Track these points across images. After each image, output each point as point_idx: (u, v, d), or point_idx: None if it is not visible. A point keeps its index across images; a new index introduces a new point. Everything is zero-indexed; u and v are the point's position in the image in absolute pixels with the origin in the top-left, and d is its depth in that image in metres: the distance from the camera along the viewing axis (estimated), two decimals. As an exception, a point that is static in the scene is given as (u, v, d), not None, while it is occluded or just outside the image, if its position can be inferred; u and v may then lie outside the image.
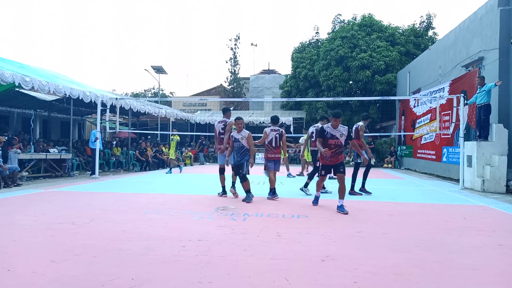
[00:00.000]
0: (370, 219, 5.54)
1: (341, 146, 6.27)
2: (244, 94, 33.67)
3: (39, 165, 11.55)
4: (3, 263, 3.31)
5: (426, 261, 3.54)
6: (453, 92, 12.36)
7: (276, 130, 7.78)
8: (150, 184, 10.28)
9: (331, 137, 6.23)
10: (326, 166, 6.41)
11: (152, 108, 17.53)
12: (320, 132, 6.36)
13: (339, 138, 6.25)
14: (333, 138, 6.23)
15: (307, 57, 24.79)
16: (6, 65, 10.54)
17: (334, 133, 6.24)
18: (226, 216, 5.61)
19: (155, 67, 28.28)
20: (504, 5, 10.63)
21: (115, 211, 5.94)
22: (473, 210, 6.57)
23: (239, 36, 36.21)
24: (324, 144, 6.24)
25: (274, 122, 7.97)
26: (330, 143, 6.22)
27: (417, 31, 23.64)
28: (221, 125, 7.94)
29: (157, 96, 35.02)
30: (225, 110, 8.18)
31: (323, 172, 6.48)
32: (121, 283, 2.86)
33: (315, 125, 9.16)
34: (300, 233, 4.55)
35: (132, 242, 4.04)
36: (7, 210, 5.93)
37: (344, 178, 6.22)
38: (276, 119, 8.07)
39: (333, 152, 6.21)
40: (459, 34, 13.30)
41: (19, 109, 17.66)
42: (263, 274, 3.12)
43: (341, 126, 6.32)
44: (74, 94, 11.71)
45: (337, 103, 22.50)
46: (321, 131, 6.34)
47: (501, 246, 4.14)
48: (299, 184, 9.05)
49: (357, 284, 2.92)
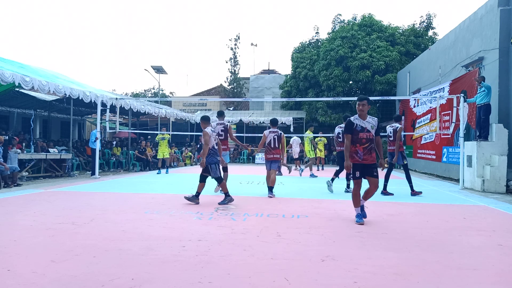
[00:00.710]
0: (370, 219, 5.53)
1: (373, 141, 5.27)
2: (244, 94, 33.66)
3: (39, 165, 11.55)
4: (3, 263, 3.31)
5: (426, 261, 3.54)
6: (453, 92, 12.36)
7: (274, 132, 8.10)
8: (150, 184, 10.27)
9: (361, 130, 5.23)
10: (358, 165, 5.26)
11: (152, 108, 17.53)
12: (347, 125, 5.34)
13: (370, 131, 5.25)
14: (364, 131, 5.22)
15: (307, 57, 24.78)
16: (6, 65, 10.54)
17: (364, 125, 5.25)
18: (226, 216, 5.61)
19: (155, 67, 28.28)
20: (504, 5, 10.63)
21: (115, 211, 5.94)
22: (473, 210, 6.57)
23: (239, 36, 36.26)
24: (354, 140, 5.25)
25: (273, 124, 8.29)
26: (361, 137, 5.21)
27: (417, 31, 23.63)
28: (221, 127, 8.26)
29: (157, 96, 35.02)
30: (221, 113, 8.65)
31: (357, 173, 5.25)
32: (121, 283, 2.86)
33: (341, 126, 9.17)
34: (300, 233, 4.55)
35: (132, 242, 4.04)
36: (7, 210, 5.93)
37: (377, 185, 5.30)
38: (275, 122, 8.36)
39: (365, 148, 5.21)
40: (459, 34, 13.30)
41: (19, 109, 17.65)
42: (263, 274, 3.12)
43: (370, 117, 5.36)
44: (74, 94, 11.71)
45: (337, 103, 22.50)
46: (349, 124, 5.32)
47: (501, 246, 4.14)
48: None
49: (357, 284, 2.92)
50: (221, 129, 8.24)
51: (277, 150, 8.02)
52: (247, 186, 9.87)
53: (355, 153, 5.25)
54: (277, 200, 7.40)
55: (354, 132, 5.27)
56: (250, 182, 10.98)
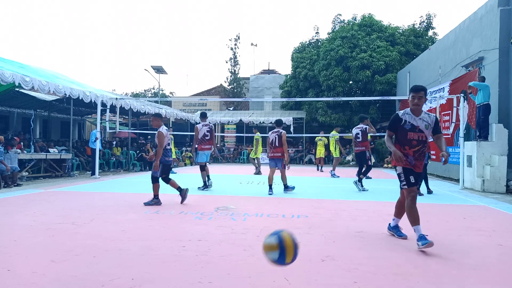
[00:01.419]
0: (370, 219, 5.53)
1: (426, 143, 4.16)
2: (244, 94, 33.66)
3: (39, 165, 11.55)
4: (3, 263, 3.31)
5: (426, 261, 3.54)
6: (453, 92, 12.36)
7: (276, 132, 8.49)
8: (150, 184, 10.25)
9: (411, 129, 4.12)
10: (410, 171, 4.16)
11: (152, 108, 17.53)
12: (393, 121, 4.26)
13: (423, 131, 4.11)
14: (415, 131, 4.11)
15: (307, 57, 24.78)
16: (6, 65, 10.54)
17: (416, 123, 4.12)
18: (226, 216, 5.61)
19: (155, 67, 28.29)
20: (504, 5, 10.63)
21: (115, 211, 5.94)
22: (473, 210, 6.57)
23: (239, 36, 36.27)
24: (402, 140, 4.16)
25: (277, 124, 8.77)
26: (411, 138, 4.11)
27: (417, 31, 23.63)
28: (207, 128, 8.87)
29: (157, 96, 35.03)
30: (204, 114, 9.36)
31: (412, 178, 4.13)
32: (121, 283, 2.86)
33: (358, 126, 9.39)
34: (300, 233, 4.55)
35: (132, 242, 4.04)
36: (7, 210, 5.93)
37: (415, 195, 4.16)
38: (279, 123, 8.83)
39: (416, 152, 4.12)
40: (459, 34, 13.30)
41: (19, 109, 17.65)
42: (263, 274, 3.12)
43: (426, 113, 4.21)
44: (74, 94, 11.71)
45: (337, 103, 22.50)
46: (395, 120, 4.23)
47: (501, 246, 4.14)
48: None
49: (357, 284, 2.92)
50: (207, 130, 8.85)
51: (278, 149, 8.38)
52: (247, 186, 9.87)
53: (405, 156, 4.14)
54: (277, 200, 7.40)
55: (401, 131, 4.17)
56: (250, 182, 10.98)
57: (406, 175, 4.15)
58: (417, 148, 4.13)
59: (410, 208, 4.05)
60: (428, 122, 4.16)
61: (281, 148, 8.37)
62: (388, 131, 4.33)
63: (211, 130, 8.90)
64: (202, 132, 8.78)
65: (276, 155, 8.40)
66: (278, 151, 8.38)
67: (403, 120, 4.18)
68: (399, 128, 4.19)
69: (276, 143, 8.39)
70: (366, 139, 9.18)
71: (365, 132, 9.17)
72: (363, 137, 9.15)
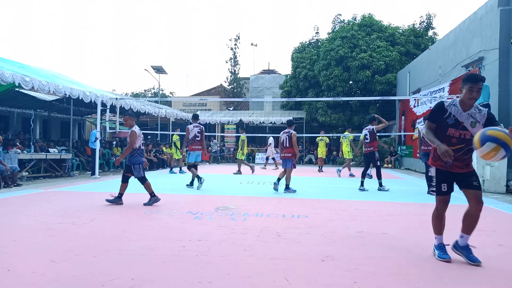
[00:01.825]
0: (370, 219, 5.53)
1: (470, 143, 3.44)
2: (244, 94, 33.64)
3: (39, 165, 11.55)
4: (3, 263, 3.31)
5: (426, 261, 3.54)
6: (453, 92, 12.36)
7: (286, 132, 8.67)
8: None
9: (454, 125, 3.49)
10: (444, 173, 3.60)
11: (152, 108, 17.53)
12: (436, 110, 3.58)
13: (468, 129, 3.47)
14: (457, 128, 3.48)
15: (307, 57, 24.78)
16: (6, 65, 10.53)
17: (461, 118, 3.49)
18: (226, 216, 5.61)
19: (155, 67, 28.27)
20: (504, 5, 10.63)
21: (115, 211, 5.94)
22: (473, 210, 6.56)
23: (239, 36, 36.20)
24: (439, 135, 3.55)
25: (288, 125, 8.91)
26: (450, 135, 3.51)
27: (417, 31, 23.62)
28: (198, 129, 9.10)
29: (157, 96, 35.02)
30: (196, 116, 9.58)
31: (444, 186, 3.61)
32: (121, 283, 2.86)
33: (366, 127, 9.51)
34: (300, 233, 4.55)
35: (132, 242, 4.04)
36: (7, 210, 5.93)
37: (480, 200, 3.51)
38: (290, 123, 8.97)
39: (457, 151, 3.49)
40: (459, 34, 13.30)
41: (19, 109, 17.65)
42: (263, 274, 3.12)
43: (477, 107, 3.54)
44: (74, 94, 11.71)
45: (337, 103, 22.50)
46: (439, 109, 3.57)
47: (501, 246, 4.14)
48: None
49: (357, 284, 2.92)
50: (198, 131, 9.07)
51: (288, 149, 8.54)
52: (247, 186, 9.87)
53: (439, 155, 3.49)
54: (277, 200, 7.40)
55: (443, 124, 3.54)
56: (250, 182, 10.98)
57: (438, 181, 3.60)
58: (456, 147, 3.47)
59: (437, 216, 3.72)
60: (477, 119, 3.48)
61: (291, 149, 8.50)
62: (428, 122, 3.63)
63: (201, 131, 9.13)
64: (193, 133, 9.00)
65: (286, 156, 8.54)
66: (288, 151, 8.52)
67: (447, 112, 3.52)
68: (441, 121, 3.55)
69: (287, 143, 8.55)
70: (374, 139, 9.29)
71: (373, 133, 9.27)
72: (371, 137, 9.25)
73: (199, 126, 9.20)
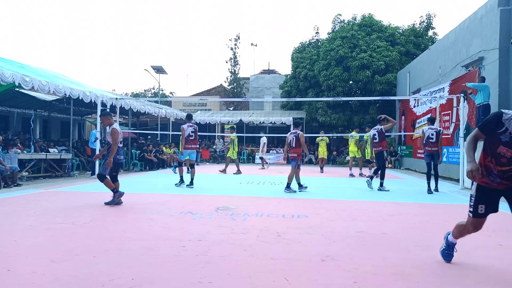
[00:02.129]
0: (370, 219, 5.53)
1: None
2: (244, 94, 33.65)
3: (39, 165, 11.55)
4: (3, 263, 3.31)
5: (426, 261, 3.54)
6: (453, 92, 12.36)
7: (293, 132, 8.80)
8: (150, 184, 10.28)
9: (509, 143, 2.90)
10: (486, 191, 3.19)
11: (152, 108, 17.53)
12: (491, 120, 2.96)
13: None
14: (510, 147, 2.90)
15: (307, 57, 24.77)
16: (6, 65, 10.53)
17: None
18: (226, 216, 5.61)
19: (155, 67, 28.28)
20: (504, 5, 10.63)
21: (115, 211, 5.94)
22: (473, 210, 6.56)
23: (239, 36, 36.22)
24: (490, 152, 3.05)
25: (295, 126, 9.06)
26: (501, 153, 2.96)
27: (417, 31, 23.62)
28: (192, 129, 9.22)
29: (157, 96, 35.03)
30: (190, 116, 9.73)
31: (481, 208, 3.21)
32: (121, 283, 2.86)
33: (375, 128, 9.61)
34: (300, 233, 4.55)
35: (132, 242, 4.04)
36: (7, 210, 5.93)
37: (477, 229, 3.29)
38: (297, 123, 9.12)
39: (504, 172, 3.02)
40: (459, 34, 13.30)
41: (19, 109, 17.64)
42: (263, 274, 3.12)
43: None
44: (74, 94, 11.71)
45: (337, 103, 22.51)
46: (495, 121, 2.93)
47: (501, 246, 4.14)
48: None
49: (357, 284, 2.92)
50: (192, 130, 9.21)
51: (294, 150, 8.68)
52: (247, 186, 9.87)
53: (486, 170, 3.09)
54: (277, 200, 7.40)
55: (493, 138, 2.99)
56: (250, 182, 10.98)
57: (476, 200, 3.17)
58: (506, 168, 2.97)
59: (464, 229, 3.35)
60: None
61: (297, 149, 8.64)
62: (478, 130, 3.06)
63: (195, 131, 9.30)
64: (187, 133, 9.15)
65: (292, 155, 8.70)
66: (295, 151, 8.67)
67: (504, 126, 2.88)
68: (494, 134, 2.96)
69: (294, 144, 8.67)
70: (383, 139, 9.41)
71: (382, 133, 9.37)
72: (380, 137, 9.34)
73: (193, 125, 9.38)
